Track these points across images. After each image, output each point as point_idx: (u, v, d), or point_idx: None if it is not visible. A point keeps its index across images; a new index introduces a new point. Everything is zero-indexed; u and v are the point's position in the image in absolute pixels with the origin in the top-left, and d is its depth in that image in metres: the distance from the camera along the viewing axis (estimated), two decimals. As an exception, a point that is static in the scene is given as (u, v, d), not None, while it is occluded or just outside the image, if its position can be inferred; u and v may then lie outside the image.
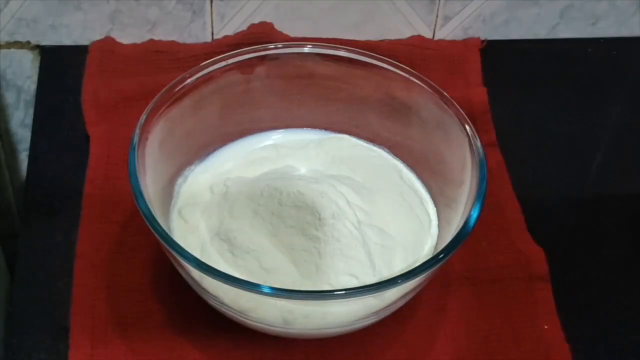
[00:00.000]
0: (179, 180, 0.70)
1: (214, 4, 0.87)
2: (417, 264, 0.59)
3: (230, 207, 0.67)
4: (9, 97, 0.92)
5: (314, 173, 0.72)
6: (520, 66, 0.91)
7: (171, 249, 0.58)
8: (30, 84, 0.91)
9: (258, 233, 0.65)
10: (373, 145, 0.75)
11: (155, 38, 0.89)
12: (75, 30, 0.87)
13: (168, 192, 0.69)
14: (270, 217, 0.65)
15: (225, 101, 0.72)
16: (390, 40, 0.91)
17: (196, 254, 0.59)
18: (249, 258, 0.64)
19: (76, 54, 0.87)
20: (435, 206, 0.70)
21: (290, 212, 0.65)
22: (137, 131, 0.63)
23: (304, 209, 0.65)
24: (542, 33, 0.93)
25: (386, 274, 0.64)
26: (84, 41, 0.88)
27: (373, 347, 0.66)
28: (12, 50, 0.88)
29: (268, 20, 0.89)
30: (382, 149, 0.75)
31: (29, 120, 0.89)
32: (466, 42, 0.91)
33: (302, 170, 0.73)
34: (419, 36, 0.91)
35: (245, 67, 0.71)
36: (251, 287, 0.56)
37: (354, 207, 0.66)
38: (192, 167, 0.72)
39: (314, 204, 0.65)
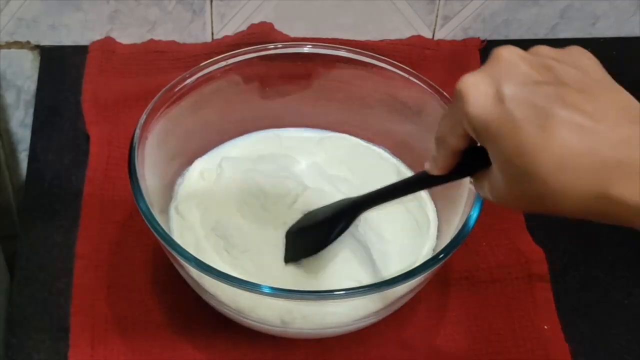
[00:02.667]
0: (179, 180, 0.70)
1: (214, 4, 0.87)
2: (416, 264, 0.59)
3: (228, 202, 0.67)
4: (9, 97, 0.92)
5: (313, 167, 0.72)
6: (520, 66, 0.91)
7: (171, 249, 0.58)
8: (30, 84, 0.91)
9: (255, 232, 0.65)
10: (373, 145, 0.75)
11: (155, 38, 0.89)
12: (75, 30, 0.87)
13: (168, 192, 0.69)
14: (268, 217, 0.65)
15: (225, 101, 0.72)
16: (390, 40, 0.91)
17: (192, 250, 0.59)
18: (245, 258, 0.64)
19: (76, 54, 0.87)
20: (435, 206, 0.70)
21: (290, 213, 0.65)
22: (137, 131, 0.63)
23: (303, 210, 0.65)
24: (542, 33, 0.93)
25: (385, 275, 0.64)
26: (84, 41, 0.88)
27: (373, 347, 0.66)
28: (12, 50, 0.88)
29: (268, 20, 0.89)
30: (382, 149, 0.75)
31: (29, 120, 0.89)
32: (466, 42, 0.91)
33: (302, 164, 0.72)
34: (419, 36, 0.91)
35: (245, 67, 0.71)
36: (251, 286, 0.56)
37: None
38: (196, 168, 0.72)
39: (314, 206, 0.65)
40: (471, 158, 0.48)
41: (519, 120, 0.43)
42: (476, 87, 0.45)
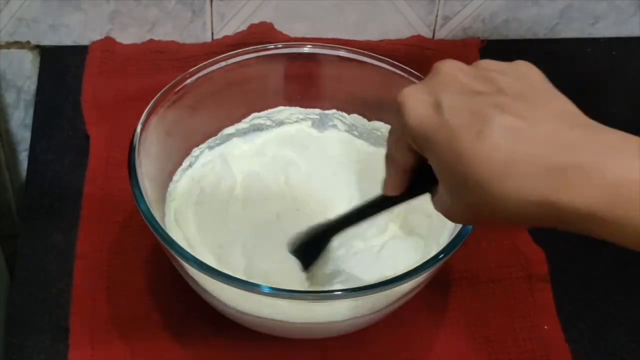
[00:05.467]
0: (179, 180, 0.70)
1: (214, 4, 0.87)
2: (417, 264, 0.59)
3: (226, 203, 0.68)
4: (9, 97, 0.92)
5: (313, 172, 0.72)
6: (520, 66, 0.91)
7: (171, 249, 0.58)
8: (30, 84, 0.91)
9: (250, 233, 0.66)
10: (373, 145, 0.75)
11: (155, 38, 0.89)
12: (75, 30, 0.87)
13: (167, 193, 0.69)
14: (262, 219, 0.66)
15: (225, 101, 0.72)
16: (390, 40, 0.91)
17: (189, 249, 0.59)
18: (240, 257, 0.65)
19: (76, 54, 0.87)
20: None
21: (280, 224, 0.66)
22: (137, 131, 0.63)
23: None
24: (542, 33, 0.93)
25: (388, 275, 0.64)
26: (84, 41, 0.88)
27: (373, 347, 0.66)
28: (12, 50, 0.88)
29: (268, 20, 0.89)
30: (383, 149, 0.75)
31: (29, 120, 0.89)
32: (466, 42, 0.91)
33: (303, 168, 0.72)
34: (419, 36, 0.91)
35: (245, 67, 0.71)
36: (251, 287, 0.56)
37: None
38: (192, 166, 0.72)
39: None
40: (424, 176, 0.48)
41: (455, 128, 0.43)
42: (414, 98, 0.46)
